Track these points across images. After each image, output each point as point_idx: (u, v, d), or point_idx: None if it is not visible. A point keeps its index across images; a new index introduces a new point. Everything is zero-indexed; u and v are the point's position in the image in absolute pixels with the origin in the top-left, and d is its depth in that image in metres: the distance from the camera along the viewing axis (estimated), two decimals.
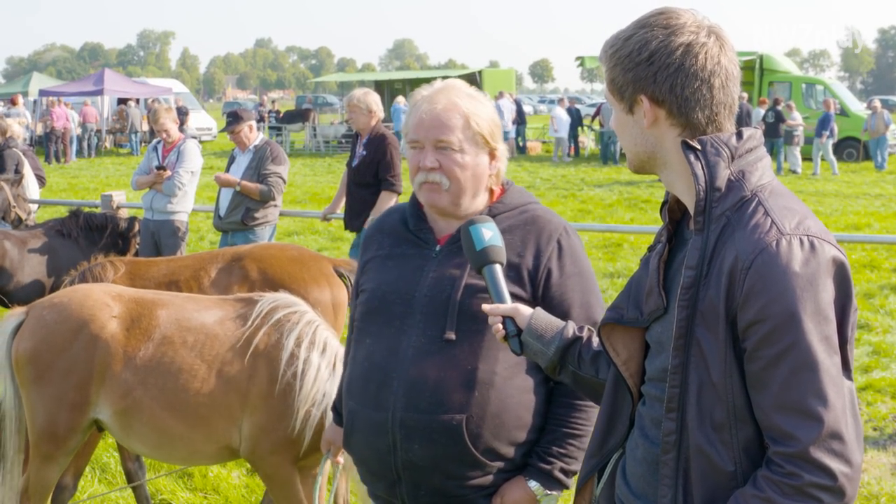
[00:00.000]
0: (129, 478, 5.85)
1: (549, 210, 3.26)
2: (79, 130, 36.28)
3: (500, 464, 3.05)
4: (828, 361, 2.06)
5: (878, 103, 31.64)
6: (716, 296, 2.14)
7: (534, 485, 3.07)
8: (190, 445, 4.66)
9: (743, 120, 25.77)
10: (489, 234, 2.80)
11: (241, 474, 6.47)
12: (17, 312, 4.90)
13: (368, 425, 3.08)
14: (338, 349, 4.62)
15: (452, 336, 3.00)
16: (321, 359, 4.56)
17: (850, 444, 2.06)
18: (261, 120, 39.11)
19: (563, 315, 2.99)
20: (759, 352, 2.09)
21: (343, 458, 4.10)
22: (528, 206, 3.20)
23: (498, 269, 2.77)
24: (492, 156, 3.16)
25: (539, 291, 3.06)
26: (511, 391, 3.03)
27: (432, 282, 3.07)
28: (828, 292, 2.09)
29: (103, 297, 4.77)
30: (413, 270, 3.12)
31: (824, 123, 28.48)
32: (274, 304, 4.69)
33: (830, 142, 28.72)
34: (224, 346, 4.61)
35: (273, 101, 51.95)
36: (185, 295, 5.06)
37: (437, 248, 3.14)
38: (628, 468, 2.47)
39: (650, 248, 2.49)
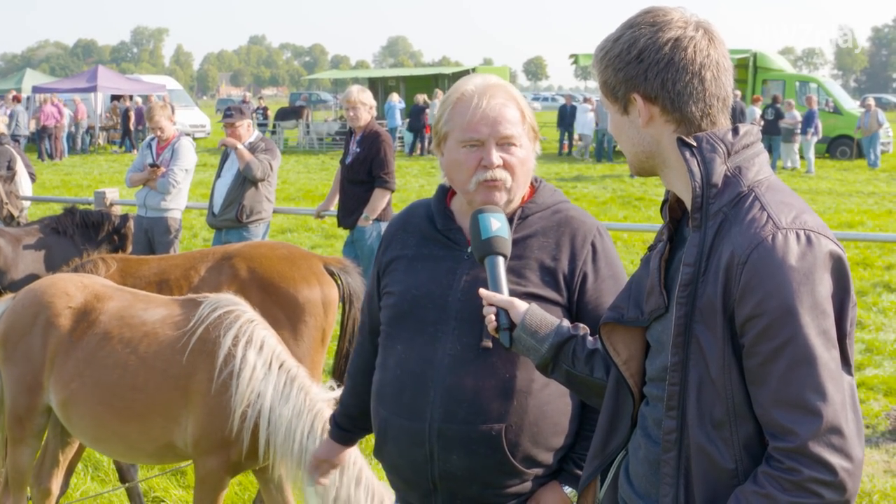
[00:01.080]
0: (121, 475, 5.84)
1: (582, 210, 3.16)
2: (72, 128, 36.29)
3: (537, 470, 2.99)
4: (826, 356, 2.05)
5: (871, 101, 31.69)
6: (713, 292, 2.13)
7: (569, 490, 3.00)
8: (125, 441, 4.66)
9: (737, 118, 25.76)
10: (497, 224, 2.75)
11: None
12: (7, 299, 5.12)
13: (403, 435, 3.00)
14: (275, 348, 4.56)
15: (489, 344, 2.91)
16: (258, 357, 4.49)
17: (851, 439, 2.04)
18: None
19: (600, 318, 2.96)
20: (756, 347, 2.08)
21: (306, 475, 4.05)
22: (560, 206, 3.10)
23: (500, 261, 2.73)
24: (533, 148, 3.08)
25: (575, 296, 2.98)
26: (548, 398, 2.96)
27: (466, 286, 2.95)
28: (825, 286, 2.08)
29: (67, 287, 4.88)
30: (445, 273, 3.01)
31: (809, 121, 28.56)
32: (215, 305, 4.66)
33: (814, 139, 28.80)
34: (163, 344, 4.59)
35: (260, 98, 51.15)
36: (142, 293, 5.06)
37: (469, 249, 2.99)
38: (631, 468, 2.46)
39: (650, 248, 2.48)
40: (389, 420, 3.05)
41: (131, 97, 39.50)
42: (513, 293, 2.85)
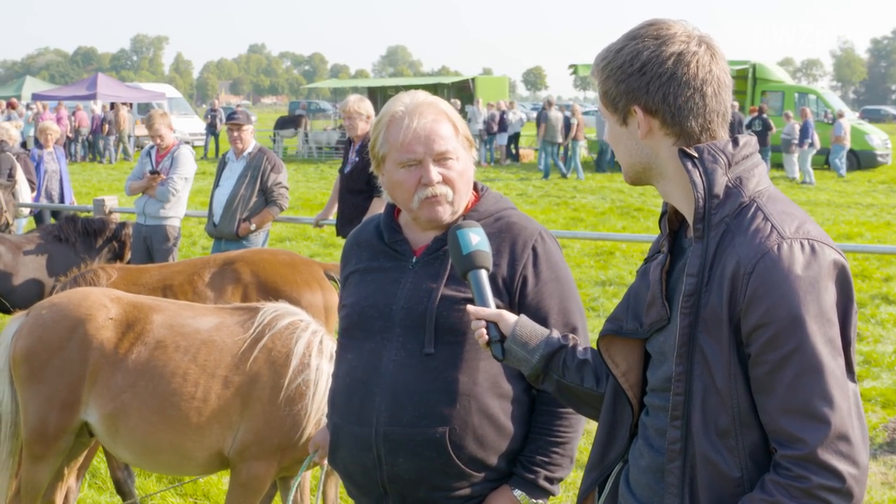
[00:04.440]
0: (118, 486, 5.83)
1: (525, 216, 3.22)
2: (70, 134, 36.33)
3: (484, 473, 3.04)
4: (832, 363, 2.07)
5: (842, 111, 31.42)
6: (718, 302, 2.15)
7: (518, 493, 3.06)
8: (178, 451, 4.62)
9: (735, 129, 25.72)
10: (476, 238, 2.77)
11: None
12: (19, 316, 4.95)
13: (353, 440, 3.07)
14: None
15: (431, 350, 2.97)
16: (330, 367, 4.50)
17: (857, 446, 2.06)
18: (213, 125, 38.46)
19: (542, 322, 2.98)
20: (763, 356, 2.10)
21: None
22: (503, 213, 3.15)
23: (483, 274, 2.75)
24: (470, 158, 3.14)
25: (515, 299, 3.03)
26: (492, 401, 3.02)
27: (409, 294, 3.03)
28: (830, 295, 2.10)
29: (101, 299, 4.79)
30: (390, 283, 3.08)
31: (805, 132, 28.59)
32: (277, 313, 4.68)
33: (812, 151, 28.84)
34: (223, 352, 4.59)
35: (237, 106, 50.00)
36: (183, 303, 5.07)
37: (414, 259, 3.10)
38: (632, 478, 2.47)
39: (647, 260, 2.50)
40: (340, 427, 3.12)
41: (131, 105, 39.46)
42: (451, 299, 2.96)
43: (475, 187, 3.21)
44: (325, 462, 3.79)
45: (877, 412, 8.26)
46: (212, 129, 37.81)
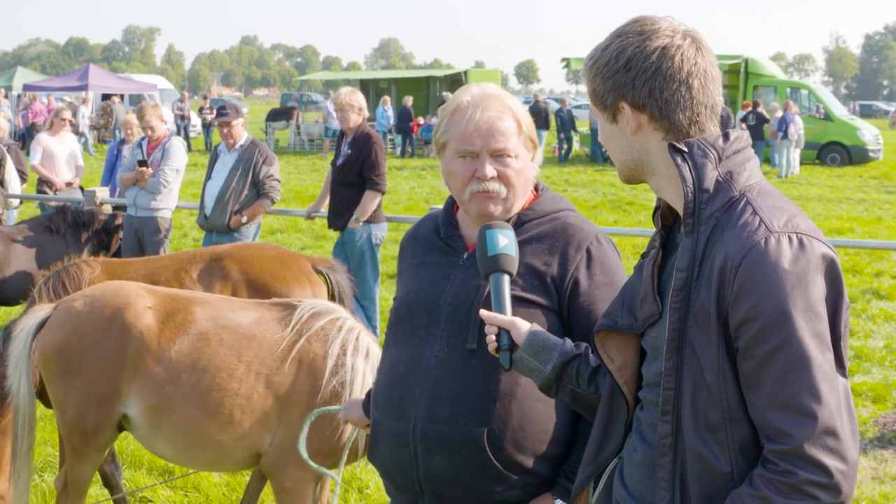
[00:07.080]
0: (106, 480, 5.80)
1: (582, 217, 3.16)
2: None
3: (525, 477, 2.97)
4: (820, 358, 2.07)
5: (780, 104, 30.80)
6: (707, 296, 2.14)
7: (561, 503, 2.99)
8: (219, 448, 4.51)
9: (725, 124, 25.75)
10: (504, 241, 2.75)
11: (222, 473, 6.44)
12: (44, 308, 4.81)
13: (391, 436, 3.01)
14: (379, 354, 4.48)
15: (474, 346, 2.91)
16: (366, 365, 4.47)
17: (846, 441, 2.06)
18: (183, 120, 38.33)
19: (593, 325, 2.90)
20: (751, 350, 2.09)
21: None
22: (559, 214, 3.10)
23: (506, 278, 2.72)
24: (533, 158, 3.09)
25: (565, 300, 2.97)
26: (534, 403, 2.94)
27: (456, 289, 3.00)
28: (818, 289, 2.10)
29: (137, 289, 4.70)
30: (440, 278, 3.05)
31: (780, 125, 28.56)
32: (314, 311, 4.60)
33: (786, 143, 28.70)
34: (263, 348, 4.50)
35: (205, 98, 48.83)
36: (219, 295, 5.02)
37: (465, 255, 3.06)
38: (626, 472, 2.46)
39: (643, 255, 2.49)
40: (380, 422, 3.07)
41: (122, 96, 39.34)
42: None
43: (535, 187, 3.16)
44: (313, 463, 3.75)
45: (867, 407, 8.27)
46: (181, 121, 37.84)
